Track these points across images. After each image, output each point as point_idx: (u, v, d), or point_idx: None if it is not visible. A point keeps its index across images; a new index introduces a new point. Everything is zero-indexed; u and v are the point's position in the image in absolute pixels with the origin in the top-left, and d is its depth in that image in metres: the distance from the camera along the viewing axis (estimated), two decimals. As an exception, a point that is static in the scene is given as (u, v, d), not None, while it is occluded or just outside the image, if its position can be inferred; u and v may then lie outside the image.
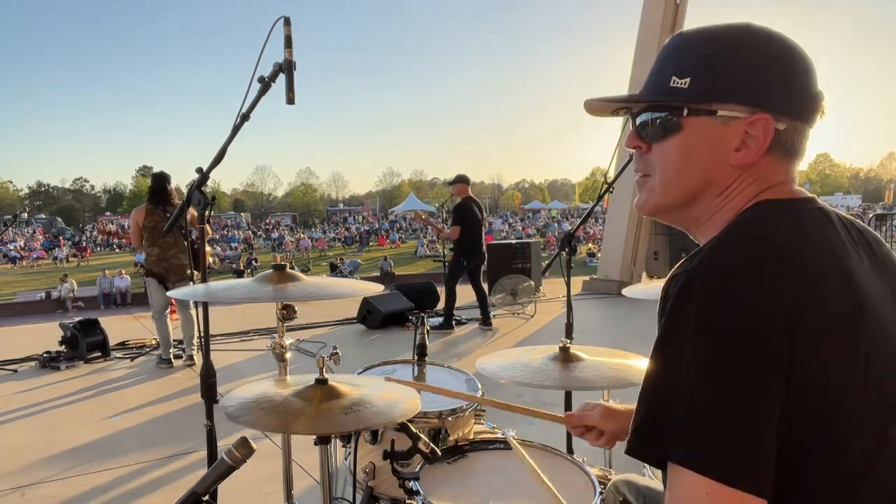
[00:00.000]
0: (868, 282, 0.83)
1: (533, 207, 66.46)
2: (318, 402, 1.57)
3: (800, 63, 0.89)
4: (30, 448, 4.06)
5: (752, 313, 0.74)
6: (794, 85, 0.88)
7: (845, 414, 0.77)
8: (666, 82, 0.91)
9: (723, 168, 0.89)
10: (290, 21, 1.96)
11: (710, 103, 0.88)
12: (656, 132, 0.92)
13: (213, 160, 2.10)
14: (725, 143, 0.88)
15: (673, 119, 0.90)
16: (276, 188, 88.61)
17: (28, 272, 32.02)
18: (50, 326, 7.84)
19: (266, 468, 3.50)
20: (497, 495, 1.62)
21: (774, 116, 0.86)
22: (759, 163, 0.88)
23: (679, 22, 10.47)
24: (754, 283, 0.76)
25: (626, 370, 1.88)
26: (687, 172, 0.91)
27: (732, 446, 0.73)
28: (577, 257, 20.02)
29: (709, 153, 0.89)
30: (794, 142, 0.89)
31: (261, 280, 1.93)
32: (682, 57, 0.91)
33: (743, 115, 0.87)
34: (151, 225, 5.91)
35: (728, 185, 0.90)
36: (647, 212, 0.98)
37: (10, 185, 75.47)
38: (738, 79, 0.87)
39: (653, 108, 0.93)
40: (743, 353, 0.73)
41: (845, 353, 0.77)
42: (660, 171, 0.94)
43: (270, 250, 35.82)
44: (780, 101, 0.87)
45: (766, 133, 0.86)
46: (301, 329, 7.66)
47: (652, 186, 0.95)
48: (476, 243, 7.51)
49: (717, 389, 0.73)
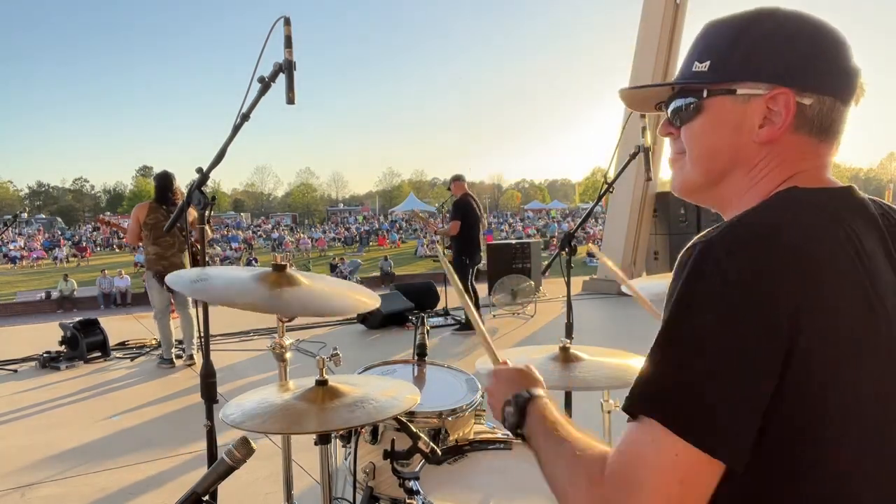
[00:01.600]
0: (891, 286, 0.82)
1: (533, 207, 66.44)
2: (321, 402, 1.57)
3: (826, 38, 0.88)
4: (30, 448, 4.06)
5: (764, 285, 0.74)
6: (818, 60, 0.87)
7: (842, 406, 0.77)
8: (689, 68, 0.94)
9: (748, 146, 0.90)
10: (290, 21, 1.96)
11: (729, 83, 0.89)
12: (684, 116, 0.95)
13: (214, 160, 2.10)
14: (749, 121, 0.89)
15: (696, 102, 0.92)
16: (276, 188, 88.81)
17: (28, 272, 32.02)
18: (50, 326, 7.85)
19: (266, 468, 3.50)
20: (497, 495, 1.62)
21: (797, 91, 0.86)
22: (786, 141, 0.88)
23: (679, 22, 10.47)
24: (770, 262, 0.75)
25: (626, 370, 1.88)
26: (713, 150, 0.93)
27: (715, 415, 0.73)
28: (577, 257, 20.03)
29: (733, 131, 0.90)
30: (823, 119, 0.87)
31: (260, 280, 1.92)
32: (705, 42, 0.94)
33: (763, 91, 0.87)
34: (152, 223, 5.91)
35: (755, 164, 0.90)
36: (680, 191, 1.00)
37: (10, 185, 75.55)
38: (756, 56, 0.88)
39: (680, 95, 0.95)
40: (750, 323, 0.73)
41: (850, 349, 0.77)
42: (689, 151, 0.96)
43: (270, 250, 35.83)
44: (803, 76, 0.86)
45: (788, 108, 0.86)
46: (301, 329, 7.66)
47: (683, 164, 0.98)
48: (476, 240, 7.45)
49: (713, 358, 0.74)
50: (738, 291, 0.74)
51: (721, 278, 0.75)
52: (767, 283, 0.74)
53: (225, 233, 41.69)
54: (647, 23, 10.59)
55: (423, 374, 2.31)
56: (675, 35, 10.44)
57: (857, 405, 0.77)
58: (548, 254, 20.03)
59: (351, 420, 1.53)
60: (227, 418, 1.53)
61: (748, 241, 0.77)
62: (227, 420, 1.52)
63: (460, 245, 7.41)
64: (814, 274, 0.76)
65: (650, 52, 10.38)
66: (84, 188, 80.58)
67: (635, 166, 5.07)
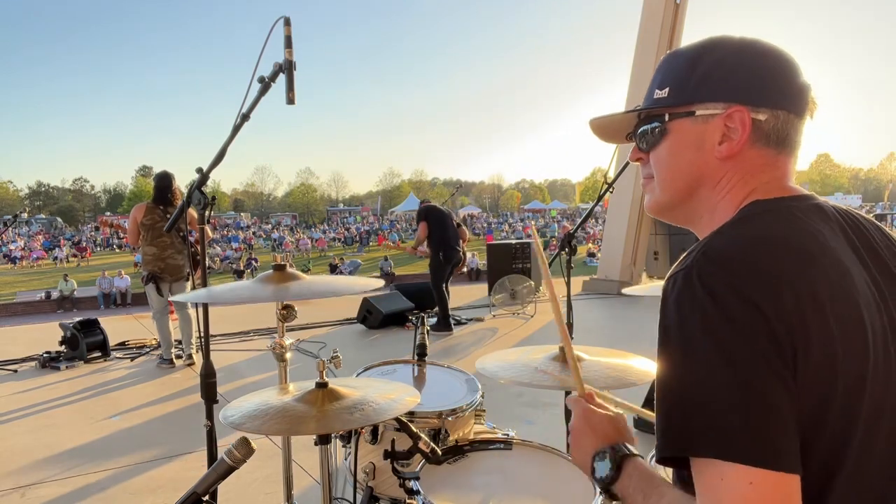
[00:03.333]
0: (862, 277, 0.86)
1: (533, 207, 66.43)
2: (320, 404, 1.57)
3: (776, 58, 0.94)
4: (30, 448, 4.06)
5: (748, 298, 0.76)
6: (769, 78, 0.92)
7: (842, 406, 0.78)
8: (652, 96, 1.01)
9: (710, 162, 0.95)
10: (290, 21, 1.96)
11: (688, 105, 0.95)
12: (649, 141, 1.01)
13: (214, 160, 2.10)
14: (709, 139, 0.94)
15: (660, 126, 0.98)
16: (276, 188, 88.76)
17: (28, 272, 32.02)
18: (50, 326, 7.85)
19: (266, 468, 3.50)
20: (497, 495, 1.62)
21: (751, 108, 0.91)
22: (745, 155, 0.93)
23: (679, 22, 10.47)
24: (751, 270, 0.79)
25: (626, 370, 1.88)
26: (678, 170, 0.98)
27: (763, 431, 0.73)
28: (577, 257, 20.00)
29: (695, 150, 0.96)
30: (779, 132, 0.92)
31: (261, 281, 1.93)
32: (664, 71, 1.00)
33: (720, 110, 0.93)
34: (150, 223, 5.91)
35: (719, 179, 0.95)
36: (652, 212, 1.06)
37: (10, 185, 75.54)
38: (711, 79, 0.94)
39: (645, 121, 1.01)
40: (749, 337, 0.75)
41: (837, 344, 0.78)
42: (657, 173, 1.01)
43: (270, 250, 35.83)
44: (756, 93, 0.92)
45: (744, 124, 0.91)
46: (301, 329, 7.66)
47: (652, 187, 1.03)
48: (447, 238, 7.37)
49: (732, 377, 0.74)
50: (728, 309, 0.76)
51: (710, 301, 0.77)
52: (750, 295, 0.76)
53: (225, 233, 41.69)
54: (647, 23, 10.59)
55: (424, 375, 2.31)
56: (675, 35, 10.44)
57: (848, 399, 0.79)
58: (548, 254, 20.01)
59: (350, 422, 1.53)
60: (226, 420, 1.53)
61: (724, 260, 0.81)
62: (227, 422, 1.52)
63: (432, 245, 7.41)
64: (792, 276, 0.79)
65: (650, 52, 10.38)
66: (84, 188, 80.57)
67: (635, 166, 5.06)
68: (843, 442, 0.79)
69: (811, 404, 0.77)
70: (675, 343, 0.80)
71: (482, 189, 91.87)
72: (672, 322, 0.80)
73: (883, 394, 0.82)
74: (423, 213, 7.52)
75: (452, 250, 7.41)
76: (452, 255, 7.41)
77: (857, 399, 0.79)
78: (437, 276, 7.42)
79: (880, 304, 0.85)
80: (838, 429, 0.78)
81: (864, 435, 0.80)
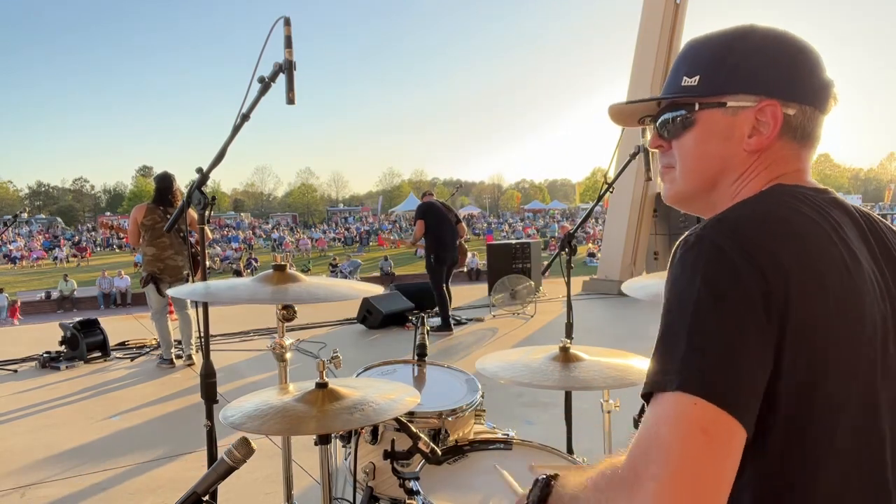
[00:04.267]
0: (871, 270, 0.87)
1: (533, 207, 66.39)
2: (320, 405, 1.57)
3: (804, 53, 0.94)
4: (30, 448, 4.06)
5: (754, 259, 0.78)
6: (799, 73, 0.93)
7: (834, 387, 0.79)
8: (678, 83, 0.98)
9: (738, 154, 0.95)
10: (290, 21, 1.96)
11: (719, 96, 0.94)
12: (674, 129, 0.99)
13: (214, 160, 2.10)
14: (738, 131, 0.94)
15: (687, 115, 0.97)
16: (276, 188, 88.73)
17: (28, 272, 32.02)
18: (50, 326, 7.85)
19: (266, 468, 3.50)
20: (497, 495, 1.62)
21: (782, 102, 0.91)
22: (772, 147, 0.93)
23: (679, 22, 10.47)
24: (761, 236, 0.80)
25: (626, 370, 1.88)
26: (704, 161, 0.97)
27: (726, 374, 0.74)
28: (577, 257, 20.02)
29: (723, 142, 0.95)
30: (805, 127, 0.93)
31: (261, 280, 1.93)
32: (692, 58, 0.98)
33: (751, 103, 0.92)
34: (150, 224, 5.91)
35: (744, 170, 0.95)
36: (671, 201, 1.05)
37: (10, 185, 75.52)
38: (743, 71, 0.93)
39: (669, 108, 1.00)
40: (745, 295, 0.76)
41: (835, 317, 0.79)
42: (680, 163, 1.00)
43: (270, 250, 35.82)
44: (787, 88, 0.92)
45: (776, 118, 0.91)
46: (301, 329, 7.66)
47: (673, 177, 1.02)
48: (442, 239, 7.40)
49: (715, 323, 0.76)
50: (734, 266, 0.77)
51: (717, 255, 0.79)
52: (757, 258, 0.78)
53: (225, 233, 41.68)
54: (647, 23, 10.59)
55: (423, 375, 2.31)
56: (675, 35, 10.44)
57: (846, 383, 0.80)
58: (548, 254, 20.04)
59: (350, 422, 1.53)
60: (226, 420, 1.53)
61: (737, 226, 0.82)
62: (227, 422, 1.52)
63: (428, 244, 7.44)
64: (799, 250, 0.80)
65: (650, 52, 10.37)
66: (84, 188, 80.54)
67: (635, 166, 5.07)
68: (832, 424, 0.79)
69: (798, 380, 0.78)
70: (675, 291, 0.81)
71: (482, 189, 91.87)
72: (676, 271, 0.82)
73: (881, 385, 0.82)
74: (421, 210, 7.54)
75: (446, 252, 7.41)
76: (446, 258, 7.42)
77: (851, 382, 0.80)
78: (433, 277, 7.46)
79: (886, 298, 0.86)
80: (827, 410, 0.79)
81: (860, 422, 0.81)
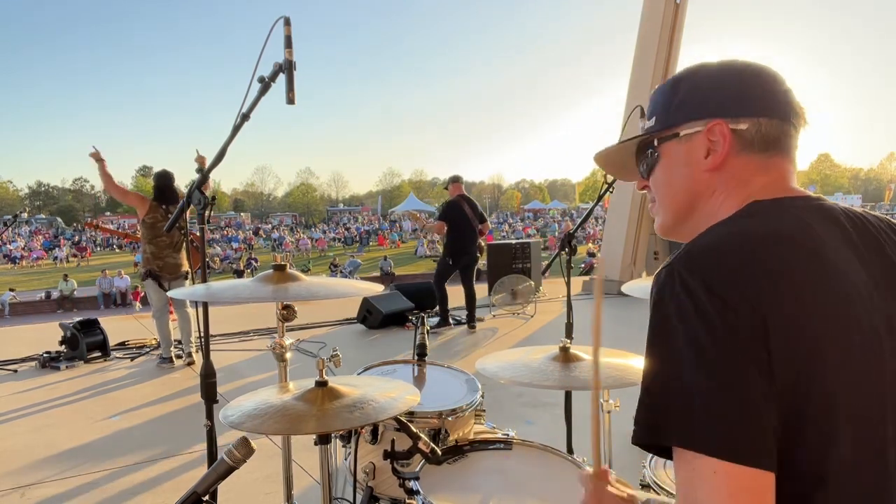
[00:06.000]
0: (860, 276, 0.86)
1: (533, 207, 66.40)
2: (320, 403, 1.57)
3: (752, 72, 0.99)
4: (30, 448, 4.06)
5: (725, 293, 0.79)
6: (749, 90, 0.98)
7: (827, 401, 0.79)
8: (643, 127, 1.09)
9: (701, 176, 1.00)
10: (290, 21, 1.96)
11: (673, 128, 1.02)
12: (646, 168, 1.08)
13: (214, 160, 2.10)
14: (695, 155, 1.00)
15: (653, 152, 1.06)
16: (276, 188, 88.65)
17: (28, 272, 32.03)
18: (50, 326, 7.85)
19: (266, 468, 3.50)
20: (497, 495, 1.62)
21: (730, 119, 0.97)
22: (734, 163, 0.97)
23: (679, 22, 10.47)
24: (726, 265, 0.82)
25: (626, 370, 1.88)
26: (673, 189, 1.04)
27: (730, 423, 0.75)
28: (576, 257, 20.04)
29: (684, 168, 1.02)
30: (764, 137, 0.96)
31: (261, 280, 1.93)
32: (651, 103, 1.08)
33: (700, 127, 0.99)
34: (151, 221, 5.91)
35: (713, 190, 1.00)
36: (661, 233, 1.12)
37: (10, 185, 75.51)
38: (691, 101, 1.01)
39: (640, 152, 1.10)
40: (724, 332, 0.77)
41: (818, 343, 0.79)
42: (658, 196, 1.08)
43: (270, 250, 35.83)
44: (734, 106, 0.97)
45: (724, 135, 0.96)
46: (301, 329, 7.66)
47: (657, 210, 1.10)
48: (462, 242, 7.46)
49: (707, 370, 0.77)
50: (700, 304, 0.79)
51: (685, 296, 0.81)
52: (721, 291, 0.79)
53: (225, 233, 41.66)
54: (647, 23, 10.58)
55: (424, 375, 2.31)
56: (675, 35, 10.44)
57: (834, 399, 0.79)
58: (548, 254, 20.04)
59: (350, 421, 1.53)
60: (226, 420, 1.52)
61: (703, 258, 0.85)
62: (227, 421, 1.51)
63: (446, 245, 7.58)
64: (772, 272, 0.81)
65: (650, 52, 10.37)
66: (84, 188, 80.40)
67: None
68: (829, 440, 0.79)
69: (789, 398, 0.77)
70: (652, 336, 0.84)
71: (482, 189, 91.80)
72: (654, 314, 0.84)
73: (878, 391, 0.82)
74: (446, 211, 7.59)
75: (462, 254, 7.50)
76: (460, 259, 7.52)
77: (847, 394, 0.79)
78: (440, 275, 7.58)
79: (878, 303, 0.85)
80: (823, 426, 0.78)
81: (857, 434, 0.80)
